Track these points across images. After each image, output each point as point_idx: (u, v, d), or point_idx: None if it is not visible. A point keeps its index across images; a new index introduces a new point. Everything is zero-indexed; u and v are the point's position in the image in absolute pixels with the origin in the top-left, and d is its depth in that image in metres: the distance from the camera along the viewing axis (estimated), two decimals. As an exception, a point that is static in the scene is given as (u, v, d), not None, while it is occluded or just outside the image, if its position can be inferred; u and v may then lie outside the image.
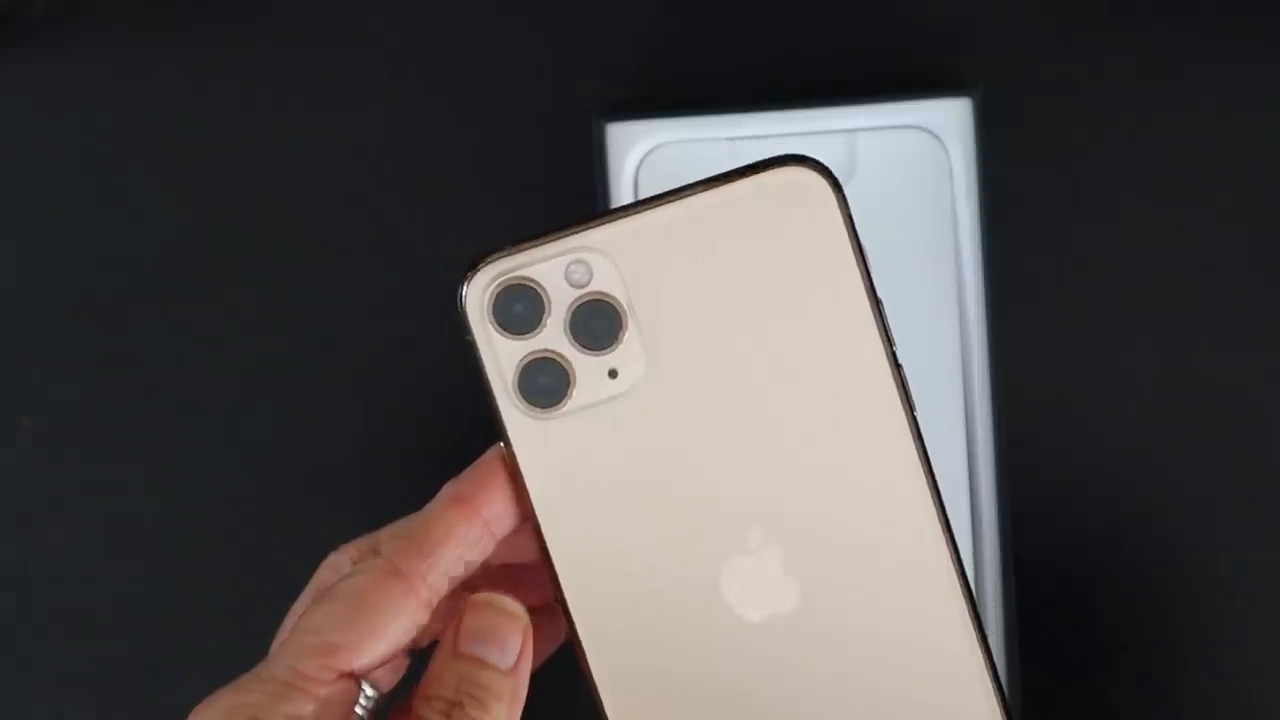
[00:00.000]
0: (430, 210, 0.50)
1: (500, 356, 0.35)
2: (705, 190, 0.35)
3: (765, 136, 0.48)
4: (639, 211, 0.35)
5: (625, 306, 0.35)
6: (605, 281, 0.35)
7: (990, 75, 0.49)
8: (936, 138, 0.48)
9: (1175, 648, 0.50)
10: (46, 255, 0.51)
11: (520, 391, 0.35)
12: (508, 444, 0.35)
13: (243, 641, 0.51)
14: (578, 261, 0.35)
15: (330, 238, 0.50)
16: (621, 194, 0.48)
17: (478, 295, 0.35)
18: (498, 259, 0.35)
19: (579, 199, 0.49)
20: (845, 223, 0.35)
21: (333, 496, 0.51)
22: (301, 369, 0.51)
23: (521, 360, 0.35)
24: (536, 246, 0.35)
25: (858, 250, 0.35)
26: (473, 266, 0.35)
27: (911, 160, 0.48)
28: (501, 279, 0.35)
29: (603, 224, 0.35)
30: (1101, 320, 0.50)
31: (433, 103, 0.50)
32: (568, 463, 0.35)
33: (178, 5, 0.50)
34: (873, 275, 0.35)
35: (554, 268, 0.35)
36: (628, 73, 0.50)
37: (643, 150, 0.48)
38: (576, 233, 0.35)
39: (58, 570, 0.51)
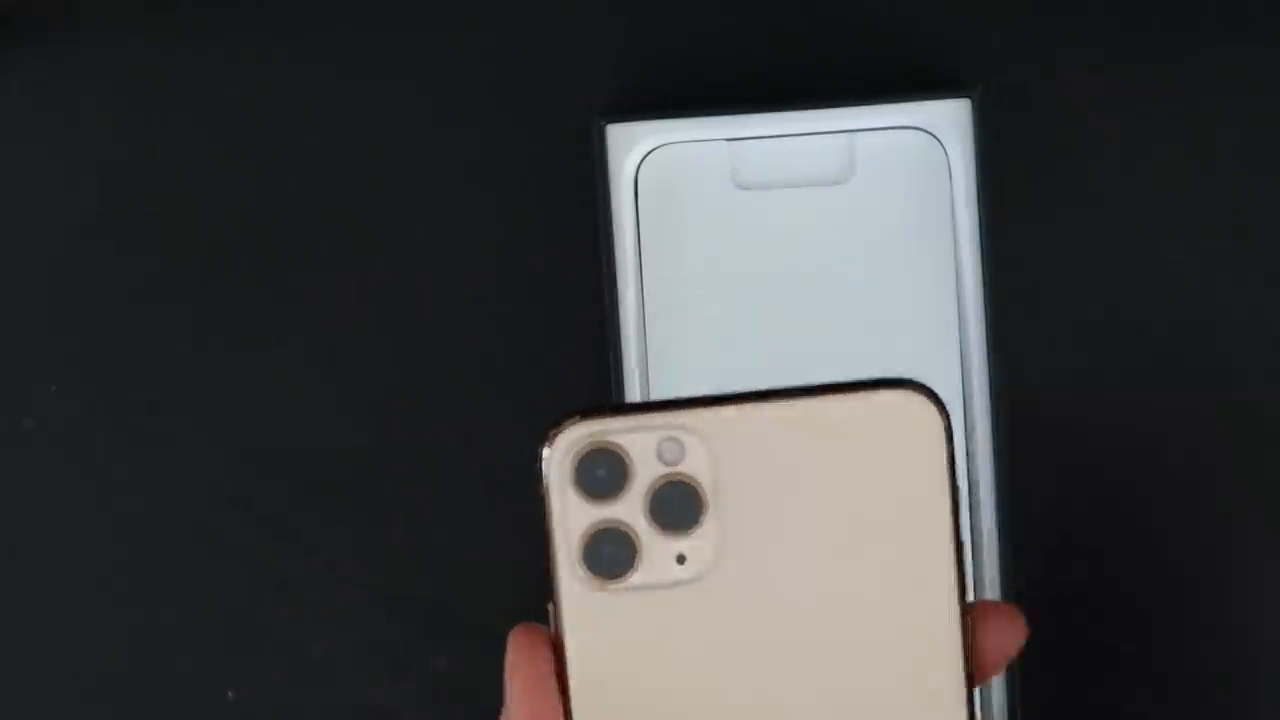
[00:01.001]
0: (430, 210, 0.50)
1: (570, 517, 0.34)
2: (814, 396, 0.34)
3: (765, 137, 0.48)
4: (743, 403, 0.34)
5: (710, 494, 0.34)
6: (695, 465, 0.34)
7: (990, 75, 0.49)
8: (936, 138, 0.48)
9: (1175, 648, 0.50)
10: (46, 255, 0.51)
11: (583, 557, 0.34)
12: (556, 605, 0.34)
13: (243, 642, 0.51)
14: (672, 439, 0.34)
15: (330, 237, 0.51)
16: (621, 194, 0.48)
17: (562, 450, 0.34)
18: (591, 420, 0.34)
19: (579, 200, 0.49)
20: (946, 459, 0.34)
21: (333, 496, 0.51)
22: (302, 369, 0.51)
23: (591, 526, 0.34)
24: (633, 415, 0.34)
25: (952, 488, 0.34)
26: (562, 421, 0.34)
27: (911, 160, 0.48)
28: (591, 440, 0.34)
29: (704, 408, 0.34)
30: (1101, 320, 0.50)
31: (432, 102, 0.50)
32: (613, 638, 0.34)
33: (178, 5, 0.50)
34: (960, 516, 0.34)
35: (646, 440, 0.34)
36: (628, 73, 0.50)
37: (643, 150, 0.48)
38: (676, 410, 0.34)
39: (57, 570, 0.51)
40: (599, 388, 0.49)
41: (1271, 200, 0.50)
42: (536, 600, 0.51)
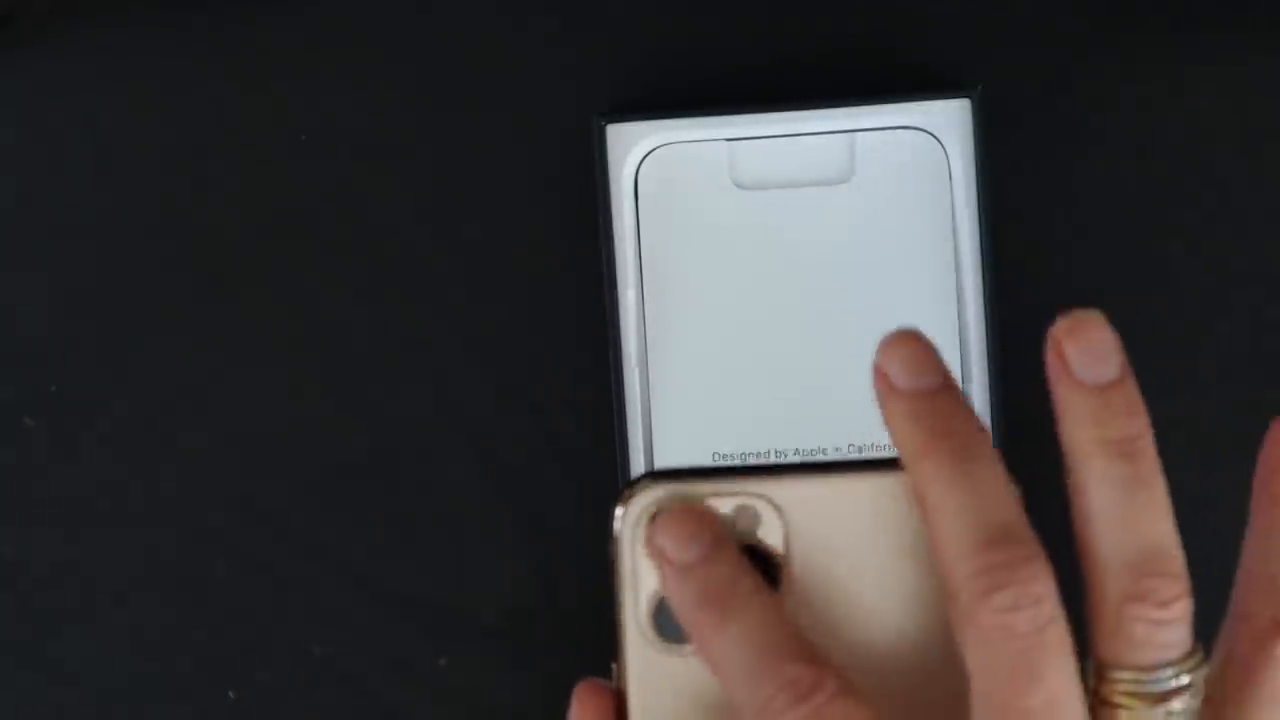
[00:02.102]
0: (429, 210, 0.50)
1: (640, 580, 0.34)
2: (889, 470, 0.34)
3: (765, 137, 0.48)
4: (817, 474, 0.34)
5: (783, 566, 0.34)
6: (770, 534, 0.34)
7: (990, 75, 0.49)
8: (936, 138, 0.48)
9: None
10: (46, 255, 0.51)
11: (652, 620, 0.34)
12: (621, 664, 0.34)
13: (243, 642, 0.51)
14: (748, 507, 0.34)
15: (330, 237, 0.51)
16: (621, 194, 0.48)
17: (636, 513, 0.34)
18: (666, 482, 0.34)
19: (579, 200, 0.49)
20: None
21: (333, 496, 0.51)
22: (302, 369, 0.51)
23: (661, 590, 0.34)
24: (709, 480, 0.34)
25: None
26: (638, 483, 0.34)
27: (911, 160, 0.48)
28: (666, 503, 0.34)
29: (780, 476, 0.34)
30: (1101, 320, 0.50)
31: (432, 102, 0.50)
32: (676, 699, 0.34)
33: (179, 6, 0.50)
34: None
35: (722, 506, 0.34)
36: (628, 73, 0.50)
37: (643, 150, 0.48)
38: (752, 478, 0.34)
39: (57, 570, 0.51)
40: (599, 388, 0.49)
41: (1271, 200, 0.50)
42: (535, 600, 0.51)
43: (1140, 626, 0.32)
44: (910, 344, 0.33)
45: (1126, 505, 0.33)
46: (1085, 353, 0.33)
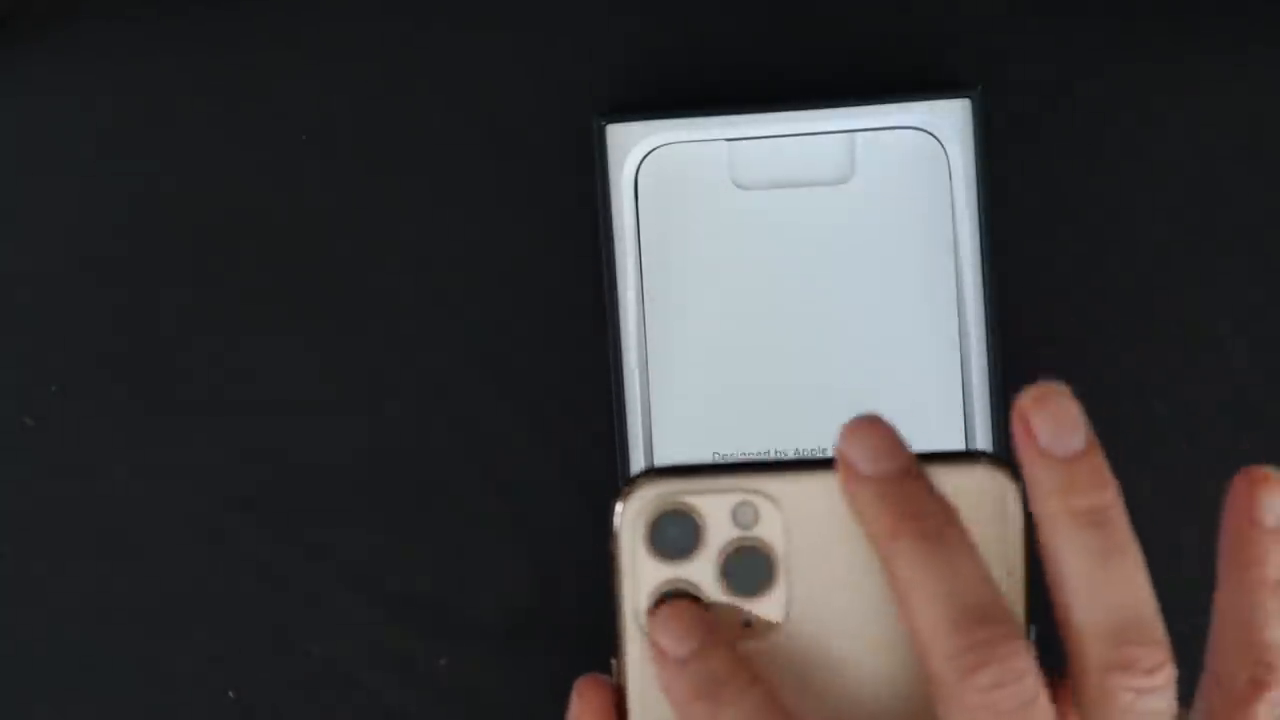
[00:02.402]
0: (430, 211, 0.50)
1: (640, 576, 0.34)
2: None
3: (765, 137, 0.48)
4: (816, 469, 0.34)
5: (781, 560, 0.34)
6: (769, 530, 0.34)
7: (990, 75, 0.49)
8: (935, 138, 0.48)
9: (1174, 651, 0.50)
10: (47, 254, 0.51)
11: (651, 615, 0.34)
12: (620, 659, 0.34)
13: (243, 642, 0.51)
14: (747, 504, 0.34)
15: (330, 236, 0.51)
16: (621, 194, 0.48)
17: (636, 509, 0.34)
18: (666, 479, 0.34)
19: (579, 200, 0.49)
20: (1024, 534, 0.34)
21: (333, 496, 0.51)
22: (301, 369, 0.51)
23: (661, 586, 0.34)
24: (708, 477, 0.34)
25: (1028, 555, 0.34)
26: (637, 480, 0.34)
27: (911, 160, 0.48)
28: (666, 500, 0.34)
29: (779, 472, 0.34)
30: (1101, 320, 0.50)
31: (432, 103, 0.50)
32: None
33: (179, 6, 0.51)
34: (1032, 585, 0.34)
35: (721, 503, 0.34)
36: (628, 73, 0.50)
37: (643, 150, 0.48)
38: (750, 474, 0.34)
39: (57, 571, 0.51)
40: (599, 388, 0.49)
41: (1272, 200, 0.50)
42: (536, 600, 0.51)
43: (1126, 695, 0.32)
44: (873, 429, 0.33)
45: (1102, 573, 0.32)
46: (1051, 423, 0.33)
